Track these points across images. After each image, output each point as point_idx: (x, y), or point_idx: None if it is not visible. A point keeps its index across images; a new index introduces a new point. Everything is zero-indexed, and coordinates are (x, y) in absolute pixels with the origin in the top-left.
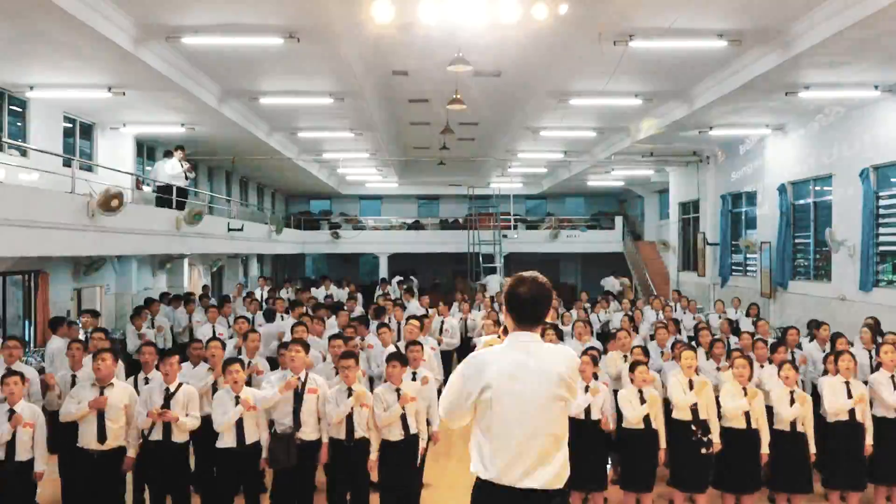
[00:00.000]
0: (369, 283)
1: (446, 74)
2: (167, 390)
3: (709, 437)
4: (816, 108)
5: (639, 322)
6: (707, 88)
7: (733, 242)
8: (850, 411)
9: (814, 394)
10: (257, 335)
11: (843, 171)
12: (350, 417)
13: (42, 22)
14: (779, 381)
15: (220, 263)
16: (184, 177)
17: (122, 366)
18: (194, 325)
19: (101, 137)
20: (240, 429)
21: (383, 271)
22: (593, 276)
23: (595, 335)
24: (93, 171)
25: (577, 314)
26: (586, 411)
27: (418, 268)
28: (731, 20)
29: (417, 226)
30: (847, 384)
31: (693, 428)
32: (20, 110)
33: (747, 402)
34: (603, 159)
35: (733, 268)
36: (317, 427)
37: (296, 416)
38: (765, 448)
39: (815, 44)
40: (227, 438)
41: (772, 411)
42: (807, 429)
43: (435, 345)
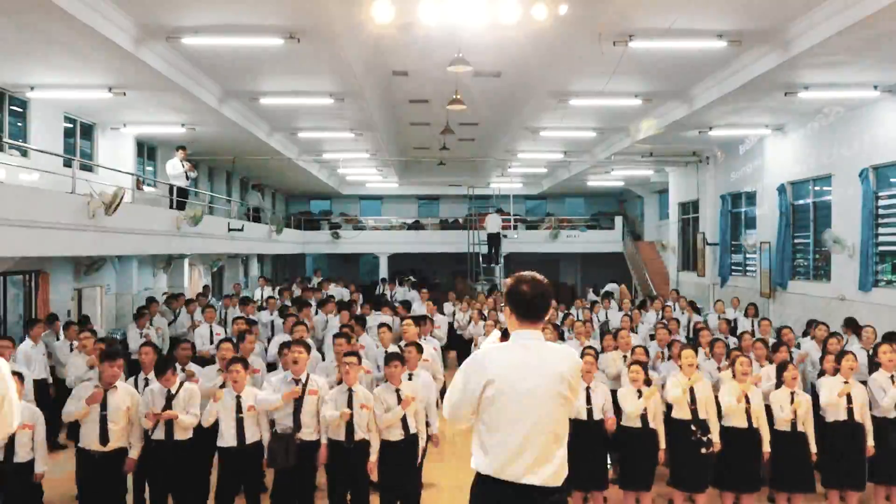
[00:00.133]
0: (369, 283)
1: (446, 75)
2: (168, 392)
3: (708, 436)
4: (816, 109)
5: (637, 322)
6: (707, 89)
7: (733, 242)
8: (850, 411)
9: (813, 393)
10: (254, 336)
11: (842, 171)
12: (351, 419)
13: (42, 22)
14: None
15: (221, 263)
16: (185, 176)
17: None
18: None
19: (101, 137)
20: (241, 428)
21: (383, 271)
22: (593, 277)
23: (593, 335)
24: (93, 172)
25: (578, 314)
26: (588, 411)
27: (418, 268)
28: (731, 20)
29: (417, 226)
30: (847, 384)
31: (693, 428)
32: (21, 110)
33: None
34: (603, 159)
35: (733, 268)
36: (317, 428)
37: (296, 416)
38: (766, 447)
39: (814, 44)
40: (227, 438)
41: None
42: (807, 428)
43: (437, 345)
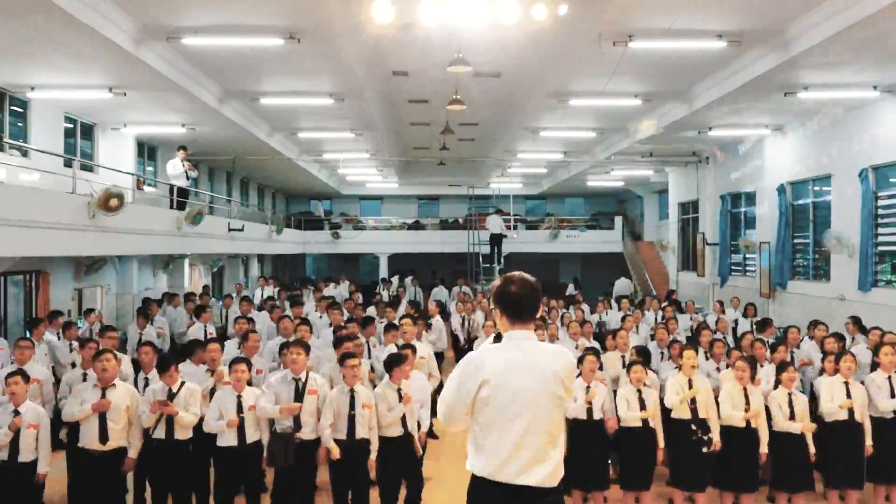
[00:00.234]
0: (369, 283)
1: (446, 75)
2: (169, 391)
3: (709, 436)
4: (815, 109)
5: (637, 322)
6: (706, 89)
7: (732, 242)
8: (850, 411)
9: (811, 393)
10: (257, 335)
11: (841, 171)
12: (352, 418)
13: (42, 22)
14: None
15: (221, 263)
16: (185, 176)
17: (129, 360)
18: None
19: (101, 138)
20: (241, 428)
21: (383, 271)
22: (593, 277)
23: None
24: (94, 172)
25: (576, 315)
26: (587, 411)
27: (418, 268)
28: (731, 21)
29: (417, 226)
30: (846, 384)
31: (693, 427)
32: (21, 111)
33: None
34: (603, 159)
35: (732, 268)
36: (316, 427)
37: (296, 416)
38: (763, 448)
39: (814, 44)
40: (227, 437)
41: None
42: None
43: (437, 339)
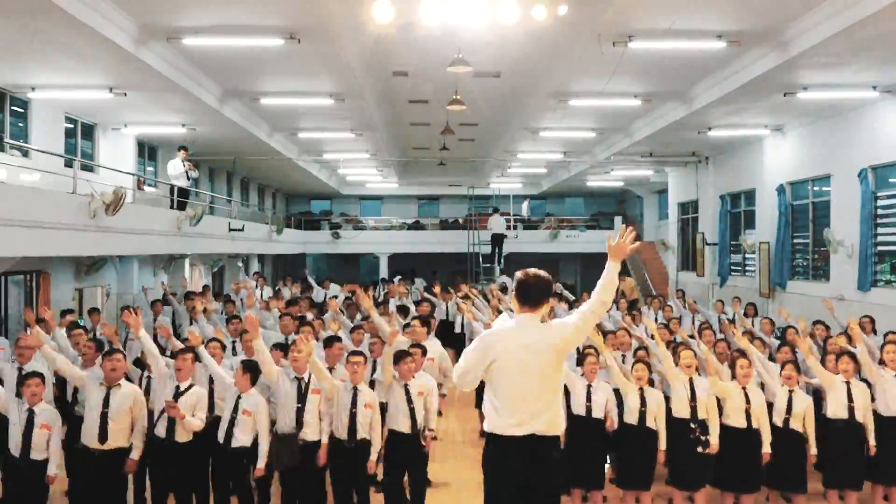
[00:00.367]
0: (369, 283)
1: (446, 75)
2: (177, 387)
3: (706, 437)
4: (815, 109)
5: (638, 322)
6: (706, 89)
7: (732, 242)
8: (850, 410)
9: (814, 393)
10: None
11: (841, 171)
12: (353, 416)
13: (42, 22)
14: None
15: (221, 263)
16: (185, 176)
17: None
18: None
19: (102, 138)
20: (230, 430)
21: (383, 271)
22: (593, 277)
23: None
24: (94, 172)
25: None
26: (587, 409)
27: (418, 268)
28: (730, 21)
29: (417, 226)
30: (848, 384)
31: (692, 426)
32: (22, 111)
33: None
34: (602, 160)
35: (732, 268)
36: (319, 427)
37: (299, 416)
38: (766, 448)
39: (813, 44)
40: (220, 435)
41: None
42: (807, 428)
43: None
